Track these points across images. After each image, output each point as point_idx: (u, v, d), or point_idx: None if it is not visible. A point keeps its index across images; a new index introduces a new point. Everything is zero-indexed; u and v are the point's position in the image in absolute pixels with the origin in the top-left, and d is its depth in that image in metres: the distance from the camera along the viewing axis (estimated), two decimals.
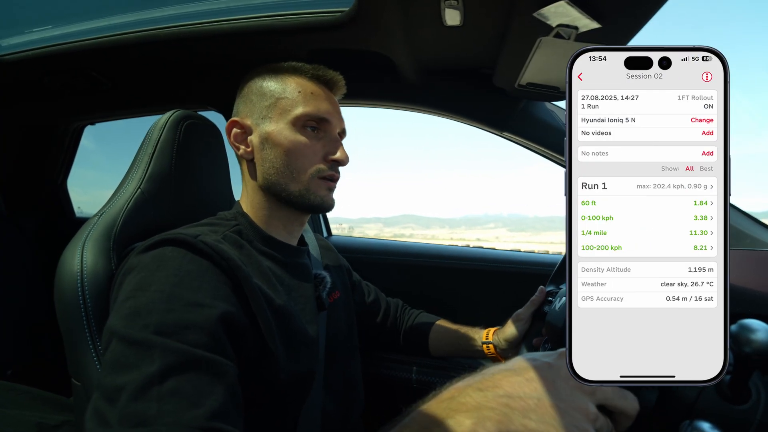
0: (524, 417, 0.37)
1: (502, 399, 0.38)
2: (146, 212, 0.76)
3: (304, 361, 0.67)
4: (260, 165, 0.75)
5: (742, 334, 0.39)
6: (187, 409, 0.44)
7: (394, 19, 0.85)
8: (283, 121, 0.74)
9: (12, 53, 1.15)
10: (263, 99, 0.76)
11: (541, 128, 1.11)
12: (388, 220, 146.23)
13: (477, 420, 0.37)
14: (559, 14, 0.69)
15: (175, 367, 0.46)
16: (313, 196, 0.75)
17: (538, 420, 0.37)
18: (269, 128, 0.74)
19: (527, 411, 0.37)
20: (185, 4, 1.00)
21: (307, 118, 0.74)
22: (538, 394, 0.38)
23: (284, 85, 0.76)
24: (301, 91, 0.75)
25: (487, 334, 0.97)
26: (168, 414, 0.43)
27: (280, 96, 0.75)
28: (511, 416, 0.37)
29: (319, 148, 0.76)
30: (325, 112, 0.76)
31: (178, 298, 0.52)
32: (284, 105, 0.74)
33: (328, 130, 0.77)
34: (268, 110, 0.75)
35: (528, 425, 0.37)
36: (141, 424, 0.42)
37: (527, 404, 0.38)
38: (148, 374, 0.45)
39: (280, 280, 0.71)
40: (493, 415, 0.37)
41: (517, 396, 0.38)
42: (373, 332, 1.06)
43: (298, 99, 0.75)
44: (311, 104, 0.75)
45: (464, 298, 1.40)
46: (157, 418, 0.42)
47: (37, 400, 0.91)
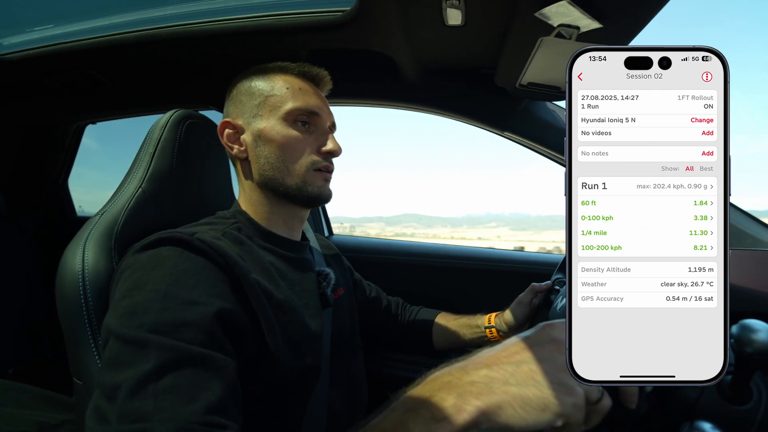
0: (505, 384, 0.38)
1: (483, 371, 0.40)
2: (147, 212, 0.76)
3: (307, 356, 0.67)
4: (255, 162, 0.76)
5: (744, 335, 0.39)
6: (183, 404, 0.45)
7: (395, 19, 0.85)
8: (274, 117, 0.75)
9: (12, 52, 1.15)
10: (252, 98, 0.77)
11: (542, 128, 1.11)
12: (390, 219, 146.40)
13: (459, 395, 0.39)
14: (560, 14, 0.69)
15: (171, 364, 0.47)
16: (311, 188, 0.76)
17: (519, 383, 0.38)
18: (261, 125, 0.75)
19: (507, 377, 0.39)
20: (186, 3, 1.00)
21: (297, 113, 0.76)
22: (518, 361, 0.40)
23: (272, 83, 0.77)
24: (289, 88, 0.77)
25: (489, 318, 1.00)
26: (164, 410, 0.44)
27: (269, 94, 0.76)
28: (492, 386, 0.39)
29: (311, 141, 0.77)
30: (314, 106, 0.77)
31: (173, 296, 0.53)
32: (274, 102, 0.76)
33: (319, 123, 0.79)
34: (258, 108, 0.76)
35: (509, 390, 0.38)
36: (138, 421, 0.43)
37: (507, 371, 0.39)
38: (144, 372, 0.46)
39: (283, 275, 0.71)
40: (474, 389, 0.39)
41: (497, 366, 0.40)
42: (375, 330, 1.06)
43: (287, 95, 0.76)
44: (300, 99, 0.76)
45: (466, 297, 1.39)
46: (153, 414, 0.43)
47: (38, 399, 0.91)
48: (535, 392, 0.37)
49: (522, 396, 0.37)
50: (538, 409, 0.37)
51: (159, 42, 1.03)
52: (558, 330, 0.41)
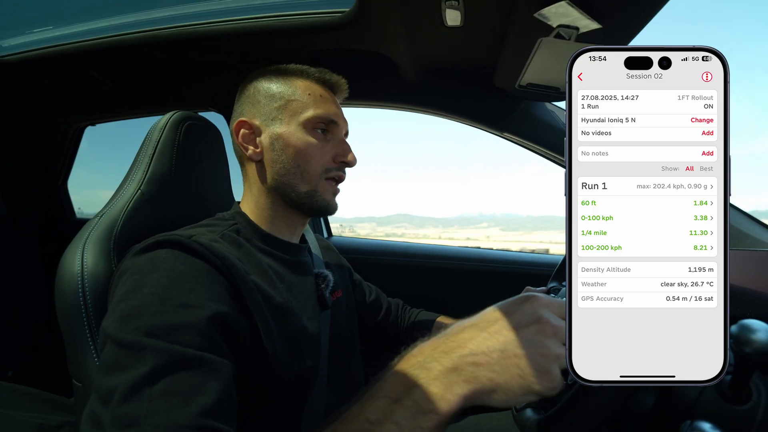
0: (490, 371, 0.39)
1: (467, 358, 0.40)
2: (146, 213, 0.76)
3: (305, 358, 0.67)
4: (270, 166, 0.75)
5: (743, 335, 0.39)
6: (178, 407, 0.44)
7: (394, 20, 0.85)
8: (295, 122, 0.75)
9: (13, 54, 1.15)
10: (272, 101, 0.76)
11: (541, 129, 1.11)
12: (381, 220, 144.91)
13: (445, 385, 0.40)
14: (559, 15, 0.69)
15: (166, 367, 0.47)
16: (320, 199, 0.76)
17: (503, 371, 0.39)
18: (280, 130, 0.75)
19: (492, 365, 0.40)
20: (186, 4, 1.00)
21: (318, 120, 0.75)
22: (502, 346, 0.40)
23: (293, 87, 0.77)
24: (311, 94, 0.76)
25: None
26: (157, 413, 0.43)
27: (290, 98, 0.76)
28: (477, 374, 0.39)
29: (328, 149, 0.77)
30: (333, 115, 0.77)
31: (170, 300, 0.52)
32: (295, 107, 0.75)
33: (336, 131, 0.79)
34: (278, 112, 0.75)
35: (494, 379, 0.39)
36: (131, 425, 0.42)
37: (491, 358, 0.40)
38: (139, 375, 0.45)
39: (281, 277, 0.71)
40: (460, 378, 0.40)
41: (482, 352, 0.40)
42: (375, 332, 1.06)
43: (308, 101, 0.76)
44: (321, 107, 0.76)
45: (465, 298, 1.39)
46: (146, 419, 0.43)
47: (37, 401, 0.91)
48: (518, 380, 0.39)
49: (506, 384, 0.39)
50: (520, 394, 0.39)
51: (159, 43, 1.03)
52: (541, 305, 0.42)
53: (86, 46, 1.08)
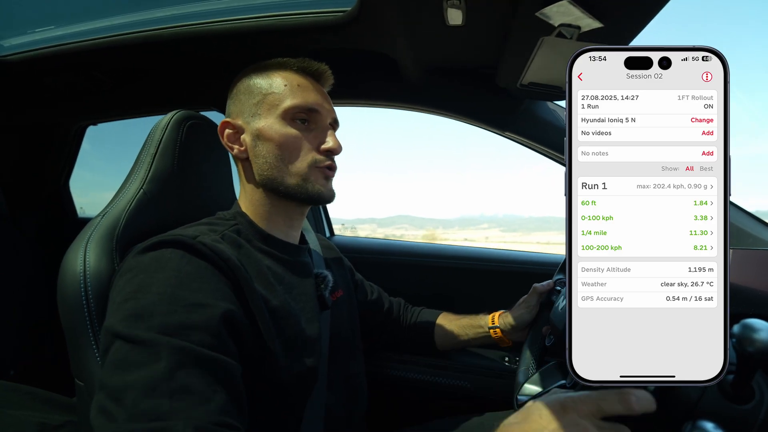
0: None
1: None
2: (149, 213, 0.76)
3: (305, 360, 0.67)
4: (255, 162, 0.75)
5: (745, 334, 0.39)
6: (198, 405, 0.45)
7: (395, 19, 0.85)
8: (273, 115, 0.74)
9: (14, 54, 1.15)
10: (251, 97, 0.76)
11: (543, 128, 1.11)
12: (382, 221, 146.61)
13: None
14: (561, 14, 0.69)
15: (182, 364, 0.47)
16: (311, 186, 0.75)
17: None
18: (260, 124, 0.74)
19: None
20: (187, 4, 1.00)
21: (296, 111, 0.74)
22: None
23: (270, 80, 0.76)
24: (288, 84, 0.75)
25: (493, 318, 0.99)
26: (180, 410, 0.44)
27: (268, 92, 0.75)
28: None
29: (311, 139, 0.75)
30: (313, 103, 0.76)
31: (179, 299, 0.53)
32: (272, 100, 0.75)
33: (319, 121, 0.77)
34: (257, 107, 0.75)
35: None
36: (156, 420, 0.43)
37: None
38: (156, 371, 0.46)
39: (280, 279, 0.71)
40: None
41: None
42: (377, 331, 1.06)
43: (285, 92, 0.75)
44: (299, 96, 0.75)
45: (468, 297, 1.39)
46: (170, 414, 0.44)
47: (39, 401, 0.92)
48: None
49: None
50: None
51: (161, 43, 1.03)
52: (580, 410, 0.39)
53: (88, 45, 1.08)
